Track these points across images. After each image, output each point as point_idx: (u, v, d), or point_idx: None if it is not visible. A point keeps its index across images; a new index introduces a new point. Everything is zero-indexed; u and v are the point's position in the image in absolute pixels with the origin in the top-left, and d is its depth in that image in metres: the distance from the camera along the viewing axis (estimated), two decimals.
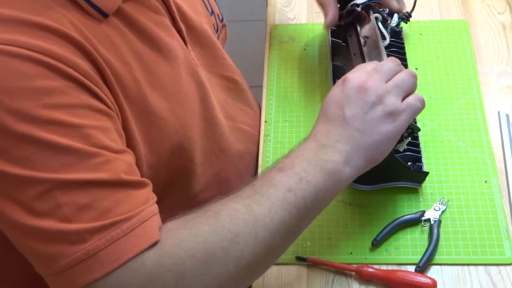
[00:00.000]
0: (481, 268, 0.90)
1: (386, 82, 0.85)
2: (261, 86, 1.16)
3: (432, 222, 0.93)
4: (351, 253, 0.92)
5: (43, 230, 0.67)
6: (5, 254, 0.91)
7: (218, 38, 1.05)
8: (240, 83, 1.08)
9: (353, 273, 0.90)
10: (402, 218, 0.94)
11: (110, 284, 0.67)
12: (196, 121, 0.92)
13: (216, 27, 1.04)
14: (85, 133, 0.69)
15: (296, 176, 0.77)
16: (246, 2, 1.99)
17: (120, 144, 0.74)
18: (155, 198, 0.74)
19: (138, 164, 0.80)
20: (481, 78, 1.14)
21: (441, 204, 0.95)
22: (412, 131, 0.91)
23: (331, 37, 1.13)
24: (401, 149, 0.95)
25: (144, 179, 0.74)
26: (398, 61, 0.90)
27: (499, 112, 1.08)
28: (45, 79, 0.68)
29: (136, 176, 0.73)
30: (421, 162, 0.98)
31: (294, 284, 0.90)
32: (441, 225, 0.93)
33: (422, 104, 0.86)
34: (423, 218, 0.94)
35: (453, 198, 0.97)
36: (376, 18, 1.09)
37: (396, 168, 0.95)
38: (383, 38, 1.09)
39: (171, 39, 0.87)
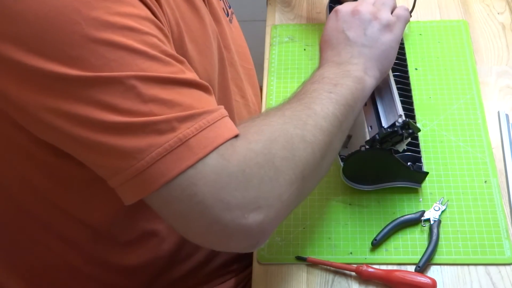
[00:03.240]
0: (481, 268, 0.90)
1: (373, 4, 0.95)
2: (261, 86, 1.16)
3: (432, 222, 0.93)
4: (351, 253, 0.92)
5: (131, 124, 0.67)
6: (15, 246, 0.91)
7: (230, 22, 1.07)
8: (248, 68, 1.10)
9: (353, 273, 0.90)
10: (402, 218, 0.94)
11: (204, 170, 0.67)
12: (216, 82, 0.94)
13: (226, 11, 1.06)
14: (155, 42, 0.71)
15: (331, 83, 0.84)
16: (246, 2, 1.99)
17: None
18: None
19: None
20: (480, 78, 1.14)
21: (441, 204, 0.96)
22: (412, 131, 0.91)
23: None
24: (400, 149, 0.95)
25: (210, 87, 0.76)
26: None
27: (498, 112, 1.08)
28: None
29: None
30: (421, 162, 0.98)
31: (294, 284, 0.90)
32: (441, 225, 0.93)
33: (408, 12, 0.96)
34: (423, 218, 0.94)
35: (453, 198, 0.97)
36: None
37: (396, 168, 0.95)
38: None
39: (202, 4, 0.91)
